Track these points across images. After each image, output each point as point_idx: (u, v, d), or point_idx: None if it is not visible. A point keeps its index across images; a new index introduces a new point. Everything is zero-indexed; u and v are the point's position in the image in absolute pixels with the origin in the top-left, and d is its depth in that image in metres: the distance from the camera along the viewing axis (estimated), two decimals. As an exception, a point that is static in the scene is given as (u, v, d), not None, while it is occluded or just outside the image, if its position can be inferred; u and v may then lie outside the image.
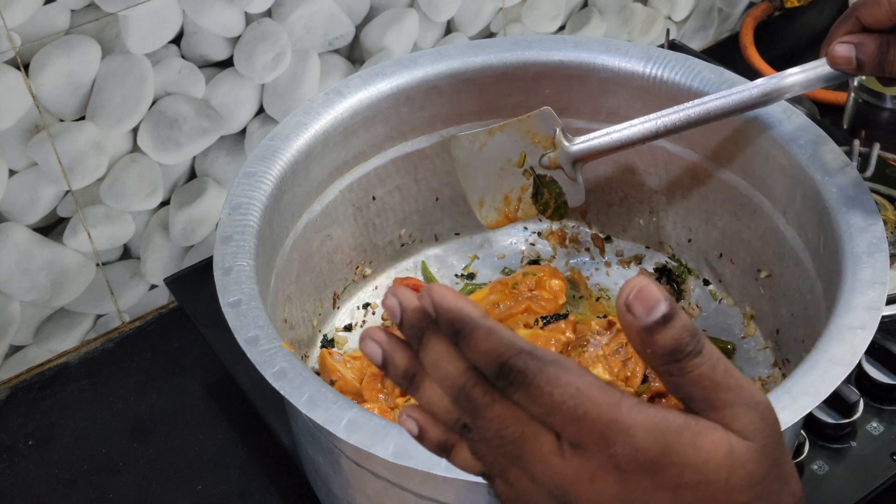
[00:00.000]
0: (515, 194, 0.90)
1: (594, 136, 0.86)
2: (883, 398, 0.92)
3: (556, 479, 0.44)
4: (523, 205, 0.90)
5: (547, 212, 0.88)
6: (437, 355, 0.46)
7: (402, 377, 0.48)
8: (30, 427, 1.00)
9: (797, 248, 0.84)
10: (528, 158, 0.89)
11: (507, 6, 1.21)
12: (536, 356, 0.44)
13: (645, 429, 0.43)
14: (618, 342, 0.88)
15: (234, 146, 1.08)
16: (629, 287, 0.43)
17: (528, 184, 0.89)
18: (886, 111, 1.18)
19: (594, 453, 0.43)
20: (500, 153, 0.91)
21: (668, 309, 0.43)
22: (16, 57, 0.90)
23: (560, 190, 0.88)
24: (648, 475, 0.43)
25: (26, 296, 1.01)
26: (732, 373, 0.44)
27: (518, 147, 0.90)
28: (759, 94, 0.80)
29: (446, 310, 0.45)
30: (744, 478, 0.44)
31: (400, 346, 0.48)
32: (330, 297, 0.97)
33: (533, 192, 0.89)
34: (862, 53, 0.73)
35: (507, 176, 0.91)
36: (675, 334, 0.43)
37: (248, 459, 0.95)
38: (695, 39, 1.44)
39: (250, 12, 1.02)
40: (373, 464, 0.69)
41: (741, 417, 0.44)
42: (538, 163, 0.90)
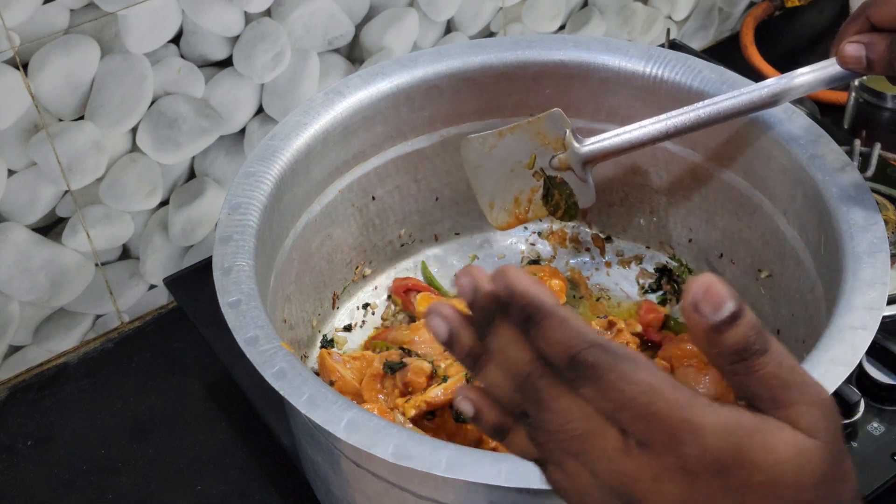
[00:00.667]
0: (526, 196, 0.90)
1: (605, 137, 0.86)
2: (884, 398, 0.91)
3: (620, 476, 0.44)
4: (533, 206, 0.89)
5: (557, 213, 0.88)
6: (506, 341, 0.45)
7: (465, 356, 0.47)
8: (29, 427, 1.00)
9: (798, 248, 0.84)
10: (539, 160, 0.89)
11: (507, 6, 1.21)
12: (609, 350, 0.43)
13: (716, 430, 0.42)
14: (618, 342, 0.88)
15: (233, 146, 1.08)
16: (696, 285, 0.42)
17: (538, 185, 0.89)
18: (887, 111, 1.18)
19: (662, 453, 0.43)
20: (510, 155, 0.91)
21: (735, 307, 0.42)
22: (15, 56, 0.90)
23: (570, 191, 0.88)
24: (716, 477, 0.43)
25: (25, 296, 1.01)
26: (798, 370, 0.44)
27: (528, 149, 0.90)
28: (769, 95, 0.80)
29: (521, 294, 0.44)
30: (811, 476, 0.43)
31: (467, 325, 0.47)
32: (329, 298, 0.97)
33: (543, 193, 0.89)
34: (872, 53, 0.73)
35: (517, 177, 0.91)
36: (743, 332, 0.42)
37: (247, 459, 0.95)
38: (695, 39, 1.44)
39: (250, 12, 1.02)
40: (373, 464, 0.68)
41: (807, 416, 0.43)
42: (548, 164, 0.89)
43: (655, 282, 1.01)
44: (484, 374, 0.47)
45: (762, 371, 0.43)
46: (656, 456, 0.43)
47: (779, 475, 0.43)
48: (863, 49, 0.73)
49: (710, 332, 0.43)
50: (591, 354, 0.43)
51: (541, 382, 0.44)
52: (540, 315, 0.44)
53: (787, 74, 0.80)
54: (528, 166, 0.89)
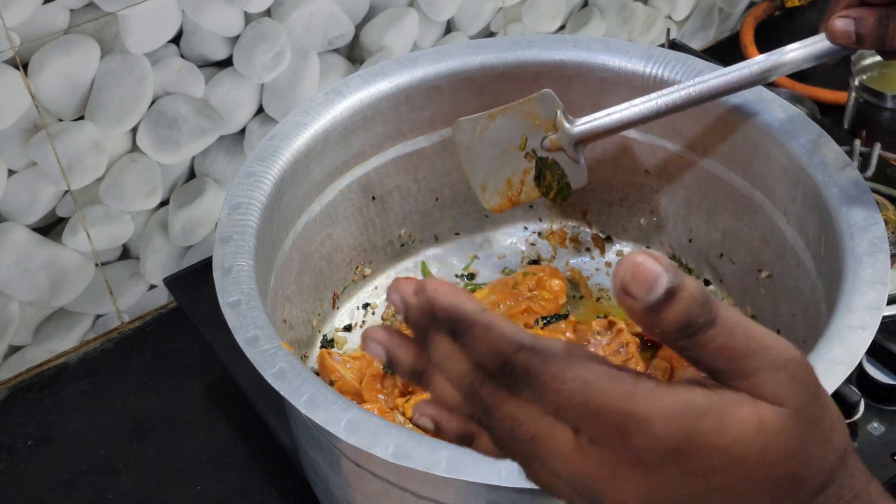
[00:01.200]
0: (518, 177, 0.90)
1: (596, 117, 0.86)
2: (884, 399, 0.91)
3: (578, 476, 0.42)
4: (526, 187, 0.89)
5: (550, 194, 0.88)
6: (443, 354, 0.44)
7: (409, 374, 0.46)
8: (29, 427, 1.00)
9: (798, 248, 0.84)
10: (530, 141, 0.89)
11: (507, 6, 1.21)
12: (539, 350, 0.42)
13: (663, 418, 0.40)
14: (618, 342, 0.88)
15: (233, 146, 1.08)
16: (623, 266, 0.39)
17: (530, 166, 0.88)
18: (887, 111, 1.18)
19: (613, 448, 0.41)
20: (501, 137, 0.90)
21: (670, 282, 0.39)
22: (15, 56, 0.90)
23: (562, 172, 0.88)
24: (674, 465, 0.41)
25: (25, 296, 1.01)
26: (754, 335, 0.41)
27: (519, 130, 0.89)
28: (760, 71, 0.80)
29: (441, 307, 0.43)
30: (779, 449, 0.41)
31: (404, 344, 0.46)
32: (329, 298, 0.97)
33: (535, 174, 0.88)
34: (861, 27, 0.72)
35: (509, 159, 0.90)
36: (684, 308, 0.39)
37: (247, 459, 0.95)
38: (695, 39, 1.44)
39: (250, 12, 1.02)
40: (373, 464, 0.68)
41: (770, 383, 0.40)
42: (540, 145, 0.89)
43: (655, 282, 1.01)
44: (433, 387, 0.46)
45: (712, 344, 0.40)
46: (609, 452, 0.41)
47: (740, 454, 0.40)
48: (852, 24, 0.72)
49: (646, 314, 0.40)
50: (521, 358, 0.41)
51: (482, 391, 0.43)
52: (463, 325, 0.42)
53: (777, 50, 0.79)
54: (520, 148, 0.89)
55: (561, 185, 0.87)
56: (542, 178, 0.88)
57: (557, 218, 1.05)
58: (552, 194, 0.88)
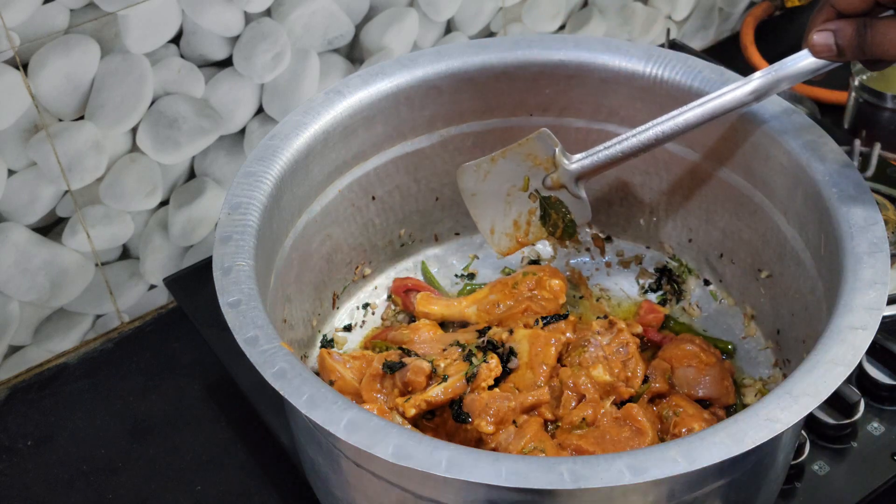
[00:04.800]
0: (524, 218, 0.90)
1: (593, 152, 0.86)
2: (884, 398, 0.92)
3: None
4: (533, 228, 0.90)
5: (557, 232, 0.88)
6: None
7: None
8: (29, 427, 1.00)
9: (798, 248, 0.84)
10: (532, 181, 0.89)
11: (507, 6, 1.21)
12: None
13: None
14: (618, 342, 0.88)
15: (233, 146, 1.08)
16: None
17: (535, 207, 0.89)
18: (887, 111, 1.18)
19: None
20: (504, 179, 0.91)
21: None
22: (15, 56, 0.90)
23: (566, 209, 0.88)
24: None
25: (25, 296, 1.01)
26: None
27: (521, 171, 0.90)
28: (751, 91, 0.80)
29: None
30: None
31: None
32: (329, 297, 0.97)
33: (540, 214, 0.89)
34: (840, 39, 0.72)
35: (513, 201, 0.91)
36: None
37: (247, 459, 0.95)
38: (695, 39, 1.44)
39: (250, 12, 1.02)
40: (373, 464, 0.68)
41: None
42: (542, 185, 0.89)
43: (655, 282, 1.01)
44: None
45: None
46: None
47: None
48: (831, 37, 0.73)
49: None
50: None
51: None
52: None
53: (768, 69, 0.80)
54: (523, 189, 0.89)
55: (566, 223, 0.88)
56: (548, 217, 0.89)
57: (557, 218, 1.05)
58: (558, 232, 0.89)
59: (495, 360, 0.86)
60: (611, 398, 0.84)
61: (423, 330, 0.93)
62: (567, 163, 0.87)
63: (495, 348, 0.88)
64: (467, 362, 0.85)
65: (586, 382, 0.84)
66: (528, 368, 0.87)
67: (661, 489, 0.64)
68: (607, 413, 0.82)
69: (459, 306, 0.97)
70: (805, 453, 0.85)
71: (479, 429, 0.80)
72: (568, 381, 0.85)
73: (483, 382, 0.84)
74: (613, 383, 0.84)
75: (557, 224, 0.88)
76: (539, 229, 0.89)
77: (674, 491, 0.65)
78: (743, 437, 0.62)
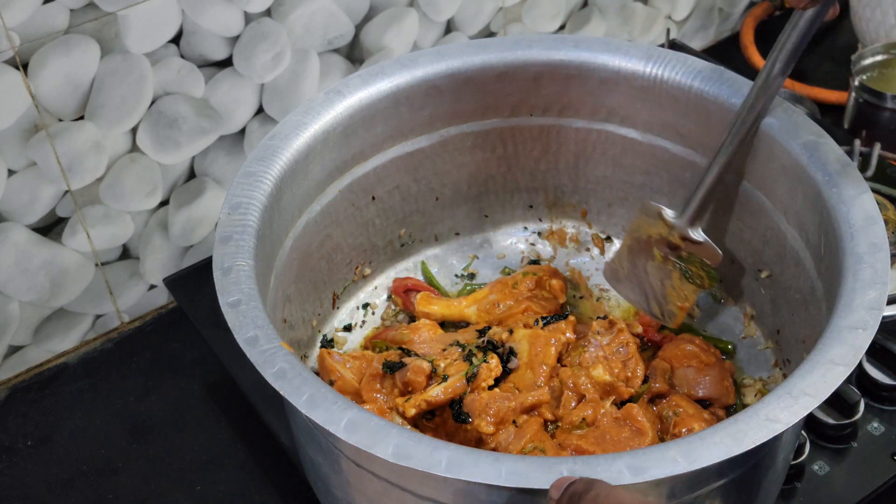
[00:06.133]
0: (675, 284, 0.92)
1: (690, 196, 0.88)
2: (884, 398, 0.92)
3: None
4: (684, 289, 0.92)
5: (704, 283, 0.91)
6: None
7: None
8: (29, 427, 1.00)
9: (798, 248, 0.84)
10: (659, 250, 0.92)
11: (507, 6, 1.21)
12: None
13: None
14: (618, 342, 0.88)
15: (233, 146, 1.08)
16: None
17: (674, 270, 0.91)
18: (887, 111, 1.18)
19: None
20: (640, 262, 0.93)
21: None
22: (15, 56, 0.90)
23: (700, 258, 0.90)
24: None
25: (25, 296, 1.01)
26: None
27: (649, 247, 0.92)
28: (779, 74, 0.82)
29: None
30: None
31: None
32: (329, 297, 0.97)
33: (682, 274, 0.91)
34: None
35: (657, 275, 0.93)
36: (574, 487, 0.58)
37: (247, 459, 0.95)
38: (695, 39, 1.44)
39: (250, 12, 1.02)
40: (373, 464, 0.68)
41: None
42: (669, 249, 0.91)
43: (655, 282, 1.01)
44: None
45: None
46: None
47: None
48: None
49: None
50: None
51: None
52: None
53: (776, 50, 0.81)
54: (659, 261, 0.92)
55: (707, 271, 0.90)
56: (689, 273, 0.91)
57: (557, 218, 1.05)
58: (706, 282, 0.91)
59: (495, 360, 0.86)
60: (611, 398, 0.84)
61: (423, 330, 0.93)
62: (675, 220, 0.90)
63: (495, 348, 0.88)
64: (467, 362, 0.85)
65: (586, 382, 0.84)
66: (528, 368, 0.87)
67: (661, 489, 0.64)
68: (607, 413, 0.82)
69: (459, 306, 0.97)
70: (805, 453, 0.85)
71: (479, 429, 0.80)
72: (568, 381, 0.85)
73: (483, 382, 0.84)
74: (613, 383, 0.84)
75: (701, 275, 0.90)
76: (688, 287, 0.91)
77: (674, 491, 0.65)
78: (743, 437, 0.62)
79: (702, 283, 0.90)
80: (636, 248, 0.93)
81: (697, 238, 0.89)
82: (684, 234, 0.90)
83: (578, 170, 1.01)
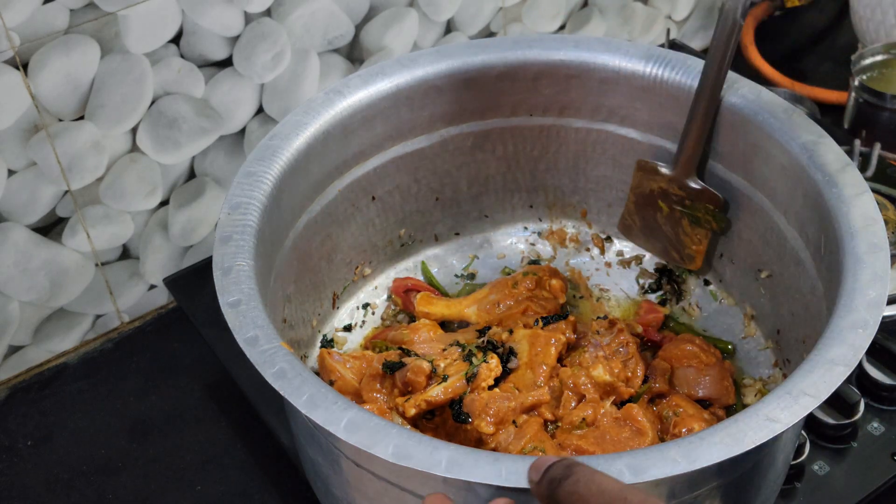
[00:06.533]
0: (686, 230, 0.94)
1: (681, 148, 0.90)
2: (884, 399, 0.92)
3: None
4: (696, 233, 0.94)
5: (712, 226, 0.92)
6: None
7: None
8: (29, 427, 1.00)
9: (798, 248, 0.84)
10: (664, 201, 0.93)
11: (507, 6, 1.21)
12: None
13: None
14: (618, 342, 0.88)
15: (233, 146, 1.08)
16: None
17: (684, 217, 0.93)
18: (887, 111, 1.18)
19: None
20: (649, 214, 0.95)
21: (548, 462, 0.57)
22: (15, 56, 0.90)
23: (703, 205, 0.91)
24: None
25: (25, 296, 1.01)
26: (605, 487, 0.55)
27: (653, 201, 0.94)
28: None
29: None
30: None
31: None
32: (329, 297, 0.97)
33: (691, 221, 0.93)
34: None
35: (669, 224, 0.95)
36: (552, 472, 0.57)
37: (247, 459, 0.95)
38: (695, 39, 1.44)
39: (250, 12, 1.02)
40: (373, 464, 0.68)
41: None
42: (672, 199, 0.93)
43: (655, 282, 1.01)
44: None
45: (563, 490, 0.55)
46: None
47: None
48: None
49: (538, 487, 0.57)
50: None
51: None
52: None
53: None
54: (667, 212, 0.94)
55: (713, 215, 0.92)
56: (697, 219, 0.93)
57: (557, 218, 1.05)
58: (713, 225, 0.92)
59: (495, 360, 0.86)
60: (611, 398, 0.84)
61: (423, 330, 0.93)
62: (669, 172, 0.92)
63: (495, 348, 0.88)
64: (467, 362, 0.85)
65: (586, 382, 0.84)
66: (528, 368, 0.87)
67: (661, 489, 0.64)
68: (607, 413, 0.82)
69: (459, 306, 0.97)
70: (805, 453, 0.85)
71: (479, 429, 0.80)
72: (568, 381, 0.85)
73: (483, 382, 0.84)
74: (613, 383, 0.84)
75: (708, 219, 0.92)
76: (699, 231, 0.93)
77: (674, 491, 0.65)
78: (743, 437, 0.62)
79: (710, 226, 0.92)
80: (642, 202, 0.96)
81: (695, 186, 0.91)
82: (682, 184, 0.91)
83: (578, 170, 1.01)
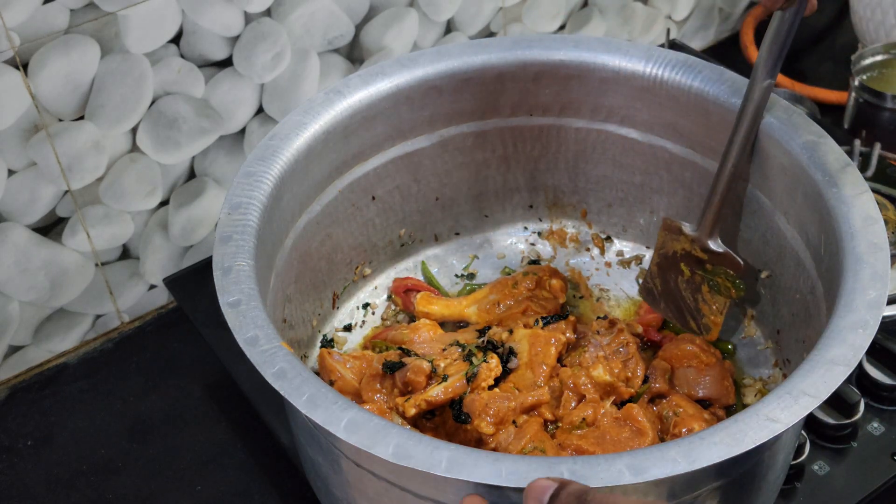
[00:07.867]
0: (705, 297, 0.92)
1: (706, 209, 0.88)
2: (884, 399, 0.92)
3: None
4: (715, 302, 0.92)
5: (732, 293, 0.91)
6: None
7: None
8: (29, 427, 1.00)
9: (798, 248, 0.84)
10: (686, 265, 0.92)
11: (507, 6, 1.21)
12: None
13: None
14: (618, 342, 0.88)
15: (233, 146, 1.08)
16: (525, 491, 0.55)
17: (704, 283, 0.92)
18: (887, 111, 1.18)
19: None
20: (671, 278, 0.94)
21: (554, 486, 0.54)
22: (15, 56, 0.90)
23: (724, 269, 0.90)
24: None
25: (25, 296, 1.01)
26: None
27: (675, 264, 0.92)
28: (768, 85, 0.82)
29: None
30: None
31: None
32: (330, 297, 0.97)
33: (710, 288, 0.91)
34: None
35: (688, 290, 0.93)
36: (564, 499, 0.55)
37: (247, 459, 0.95)
38: (695, 39, 1.44)
39: (250, 12, 1.02)
40: (373, 464, 0.68)
41: None
42: (694, 263, 0.91)
43: (655, 282, 1.01)
44: None
45: None
46: None
47: None
48: None
49: None
50: None
51: None
52: None
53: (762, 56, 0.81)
54: (687, 276, 0.92)
55: (732, 282, 0.90)
56: (716, 286, 0.91)
57: (557, 218, 1.05)
58: (733, 293, 0.91)
59: (495, 360, 0.86)
60: (611, 398, 0.84)
61: (423, 330, 0.93)
62: (693, 234, 0.90)
63: (495, 348, 0.88)
64: (467, 362, 0.85)
65: (586, 382, 0.84)
66: (528, 368, 0.87)
67: (661, 489, 0.64)
68: (607, 413, 0.82)
69: (459, 306, 0.97)
70: (805, 453, 0.85)
71: (479, 429, 0.80)
72: (568, 381, 0.85)
73: (483, 382, 0.84)
74: (613, 383, 0.84)
75: (728, 286, 0.90)
76: (718, 299, 0.92)
77: (674, 491, 0.65)
78: (743, 437, 0.62)
79: (729, 293, 0.90)
80: (665, 265, 0.93)
81: (717, 249, 0.89)
82: (705, 245, 0.90)
83: (578, 170, 1.01)
